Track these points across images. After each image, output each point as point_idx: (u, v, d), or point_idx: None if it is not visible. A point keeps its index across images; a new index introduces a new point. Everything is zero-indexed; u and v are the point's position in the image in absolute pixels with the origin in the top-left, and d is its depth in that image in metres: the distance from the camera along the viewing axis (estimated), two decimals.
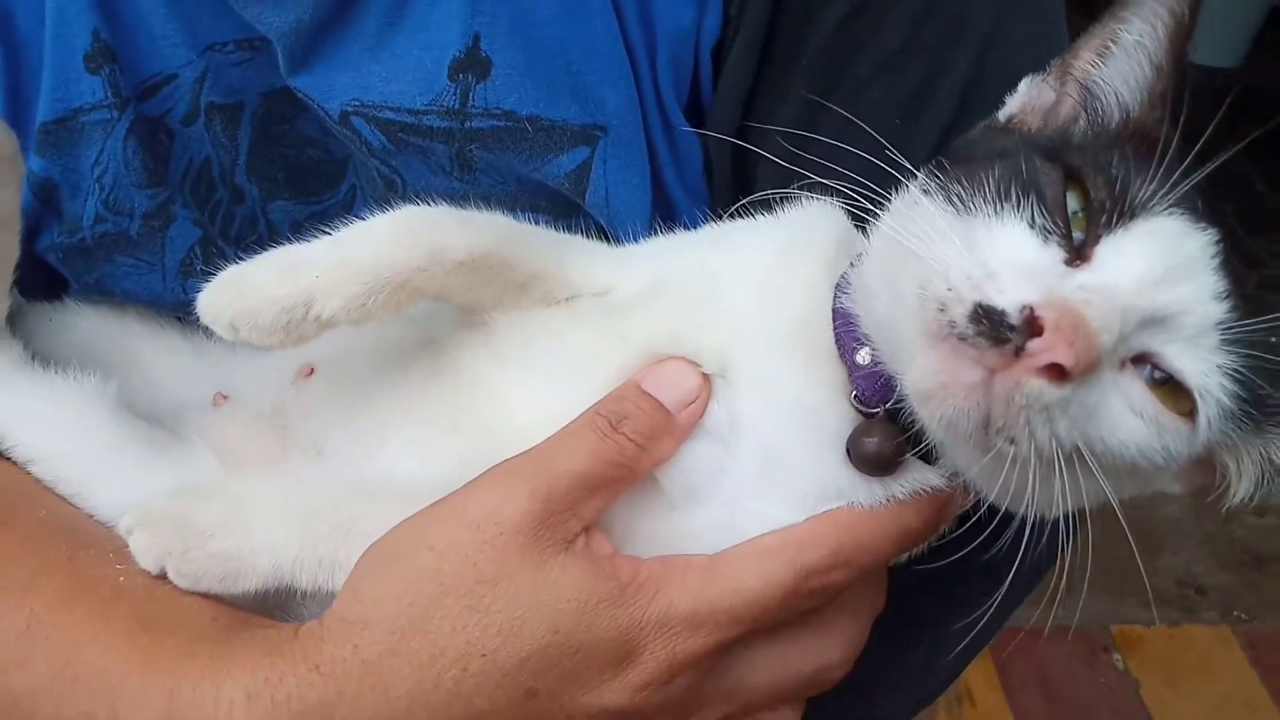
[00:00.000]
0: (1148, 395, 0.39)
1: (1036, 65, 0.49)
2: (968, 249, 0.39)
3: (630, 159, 0.54)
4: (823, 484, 0.44)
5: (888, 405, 0.43)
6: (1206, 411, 0.39)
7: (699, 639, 0.41)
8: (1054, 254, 0.39)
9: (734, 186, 0.57)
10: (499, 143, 0.53)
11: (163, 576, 0.45)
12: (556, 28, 0.53)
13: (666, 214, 0.54)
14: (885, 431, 0.43)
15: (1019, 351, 0.36)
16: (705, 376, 0.44)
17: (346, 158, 0.57)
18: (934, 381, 0.39)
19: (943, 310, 0.38)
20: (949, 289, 0.37)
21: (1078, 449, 0.38)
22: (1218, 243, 0.41)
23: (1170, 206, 0.40)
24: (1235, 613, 2.03)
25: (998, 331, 0.36)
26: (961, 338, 0.37)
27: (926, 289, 0.38)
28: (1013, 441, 0.38)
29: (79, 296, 0.62)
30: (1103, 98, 0.45)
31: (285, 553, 0.44)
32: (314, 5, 0.51)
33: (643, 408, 0.42)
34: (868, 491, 0.44)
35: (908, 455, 0.44)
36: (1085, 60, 0.46)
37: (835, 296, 0.46)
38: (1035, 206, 0.40)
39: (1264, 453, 0.42)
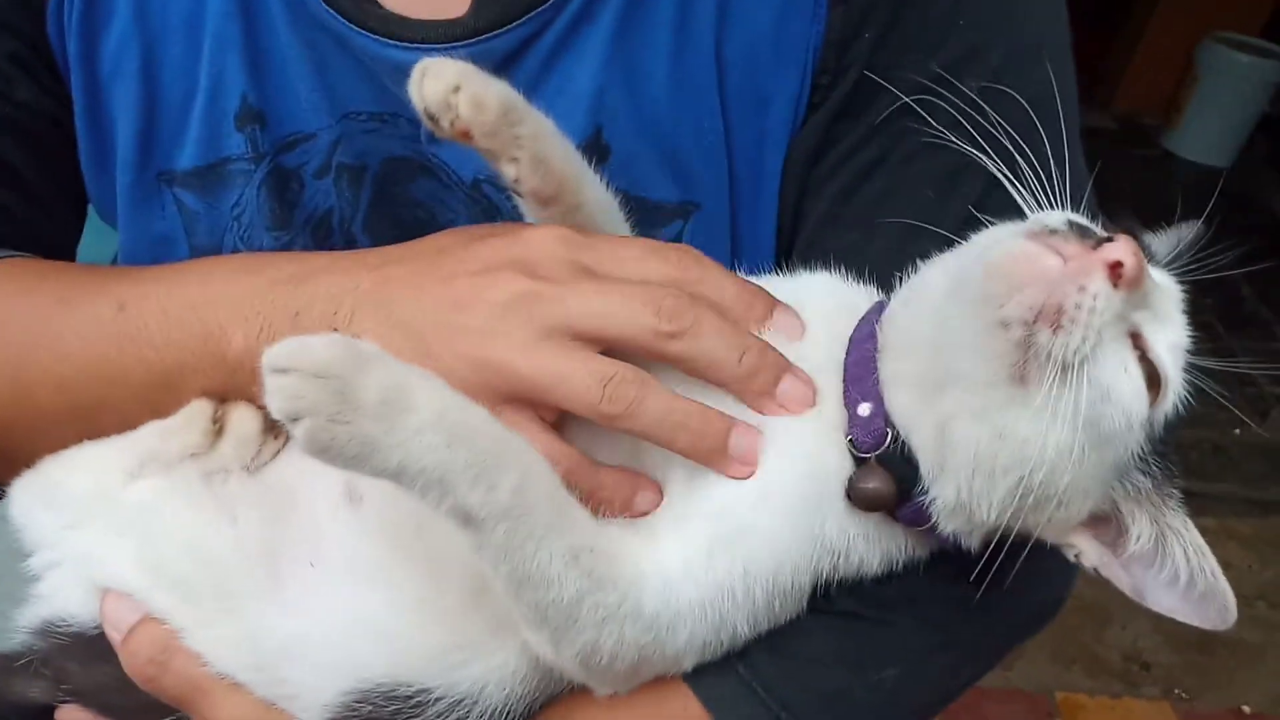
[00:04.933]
0: (1136, 364, 0.48)
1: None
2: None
3: (717, 230, 0.62)
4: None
5: (878, 453, 0.50)
6: (1168, 392, 0.48)
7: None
8: None
9: (790, 239, 0.65)
10: None
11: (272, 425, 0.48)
12: (668, 120, 0.60)
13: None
14: (881, 475, 0.50)
15: (1096, 246, 0.45)
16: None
17: (448, 222, 0.65)
18: (1016, 253, 0.46)
19: (1044, 225, 0.47)
20: (1048, 220, 0.48)
21: (1081, 377, 0.45)
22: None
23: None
24: (1176, 691, 2.09)
25: (1084, 232, 0.46)
26: (1053, 231, 0.46)
27: (1034, 223, 0.48)
28: (1056, 330, 0.45)
29: None
30: None
31: (418, 461, 0.42)
32: None
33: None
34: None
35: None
36: None
37: (847, 352, 0.53)
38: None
39: (1156, 515, 0.50)
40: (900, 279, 0.56)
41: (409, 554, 0.52)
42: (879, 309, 0.54)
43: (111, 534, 0.56)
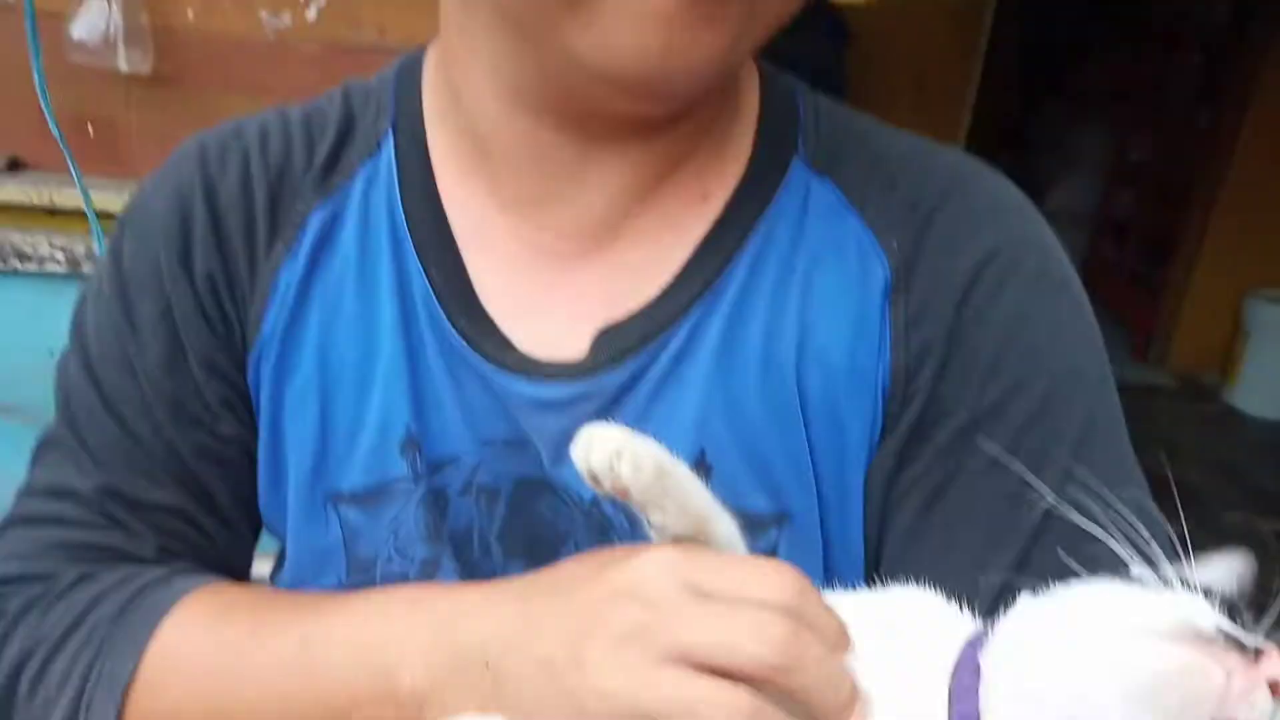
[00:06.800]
0: None
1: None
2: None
3: (808, 538, 0.68)
4: None
5: None
6: None
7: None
8: None
9: (877, 552, 0.69)
10: None
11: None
12: (760, 440, 0.68)
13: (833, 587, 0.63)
14: None
15: (1255, 658, 0.47)
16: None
17: (567, 534, 0.72)
18: (1189, 669, 0.48)
19: (1195, 630, 0.49)
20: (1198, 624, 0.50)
21: None
22: None
23: None
24: None
25: (1239, 643, 0.48)
26: (1210, 640, 0.48)
27: (1182, 625, 0.50)
28: None
29: None
30: None
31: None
32: (575, 422, 0.65)
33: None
34: None
35: None
36: None
37: (949, 704, 0.52)
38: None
39: None
40: (981, 591, 0.58)
41: None
42: (974, 646, 0.55)
43: None
